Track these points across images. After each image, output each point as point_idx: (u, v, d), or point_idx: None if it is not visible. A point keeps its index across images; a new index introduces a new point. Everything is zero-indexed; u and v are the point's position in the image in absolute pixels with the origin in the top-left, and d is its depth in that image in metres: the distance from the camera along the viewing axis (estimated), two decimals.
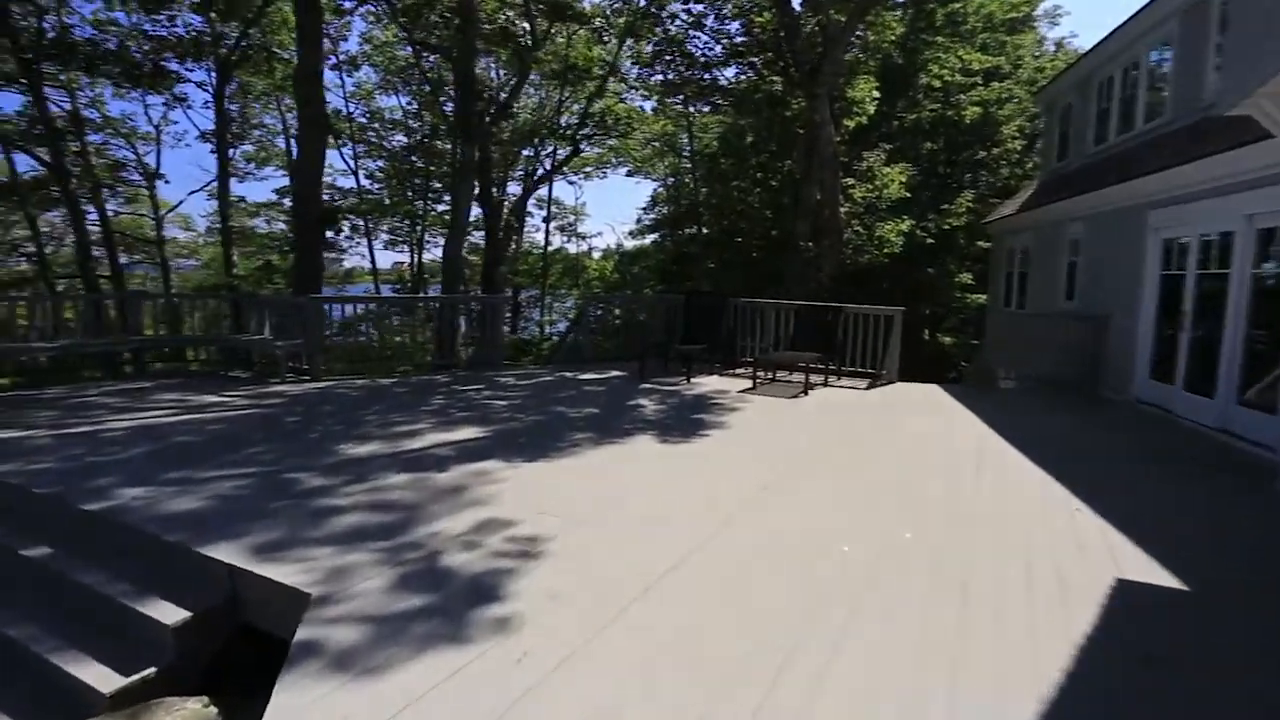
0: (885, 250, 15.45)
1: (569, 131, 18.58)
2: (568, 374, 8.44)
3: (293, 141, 22.59)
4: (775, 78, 13.47)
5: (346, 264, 27.80)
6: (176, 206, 22.43)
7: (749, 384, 7.73)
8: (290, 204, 9.59)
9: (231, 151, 17.21)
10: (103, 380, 7.85)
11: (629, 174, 26.28)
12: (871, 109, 13.81)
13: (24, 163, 14.67)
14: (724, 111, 17.31)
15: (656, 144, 24.30)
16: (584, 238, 30.22)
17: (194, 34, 13.69)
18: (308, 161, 9.59)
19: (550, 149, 22.30)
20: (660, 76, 15.62)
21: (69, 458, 4.41)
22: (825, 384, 7.94)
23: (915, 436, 5.75)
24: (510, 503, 3.68)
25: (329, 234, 18.95)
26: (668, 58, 14.38)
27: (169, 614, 2.80)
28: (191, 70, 14.93)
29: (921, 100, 18.43)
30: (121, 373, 8.35)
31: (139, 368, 8.13)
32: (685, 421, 5.85)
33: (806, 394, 7.31)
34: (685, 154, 23.50)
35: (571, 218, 29.36)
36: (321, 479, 4.02)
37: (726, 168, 19.22)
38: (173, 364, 8.73)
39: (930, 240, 17.31)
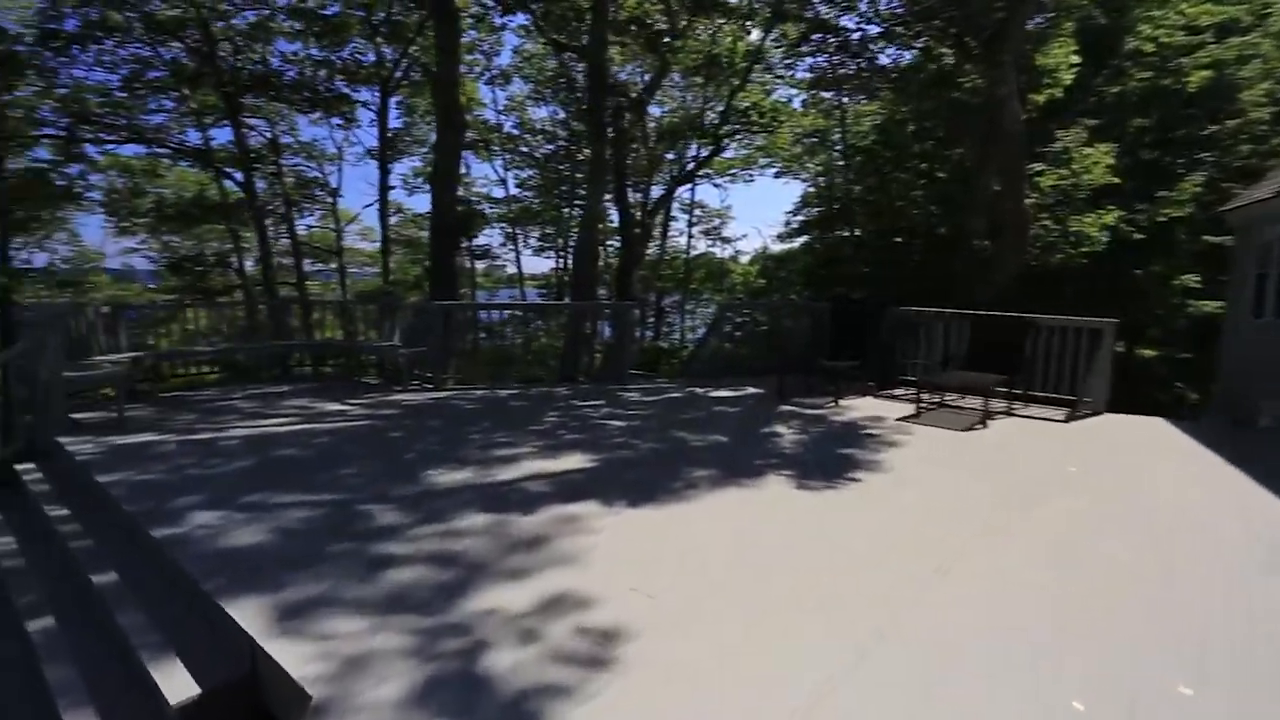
0: (1084, 248, 12.99)
1: (711, 129, 17.75)
2: (699, 390, 7.62)
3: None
4: (945, 49, 11.73)
5: (510, 269, 29.00)
6: (353, 220, 24.52)
7: (911, 410, 6.45)
8: (430, 210, 9.81)
9: (398, 166, 18.32)
10: (276, 380, 8.16)
11: (777, 174, 24.91)
12: (1068, 78, 11.58)
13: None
14: (881, 98, 15.63)
15: (806, 141, 22.79)
16: (729, 241, 29.26)
17: (357, 58, 14.63)
18: (444, 168, 9.61)
19: (694, 150, 21.65)
20: (810, 61, 14.32)
21: (174, 469, 4.31)
22: (1008, 413, 6.44)
23: (1151, 498, 4.27)
24: (597, 567, 2.93)
25: (470, 241, 19.65)
26: (815, 38, 13.07)
27: (180, 687, 2.34)
28: (358, 91, 16.03)
29: (1129, 69, 15.48)
30: (291, 374, 8.66)
31: (284, 371, 8.45)
32: (830, 458, 4.80)
33: (985, 425, 5.91)
34: (837, 149, 21.80)
35: (717, 221, 28.52)
36: (396, 514, 3.53)
37: (883, 161, 17.41)
38: (341, 367, 8.92)
39: (1139, 235, 14.42)
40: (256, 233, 14.55)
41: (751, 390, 7.51)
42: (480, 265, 27.32)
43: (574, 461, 4.63)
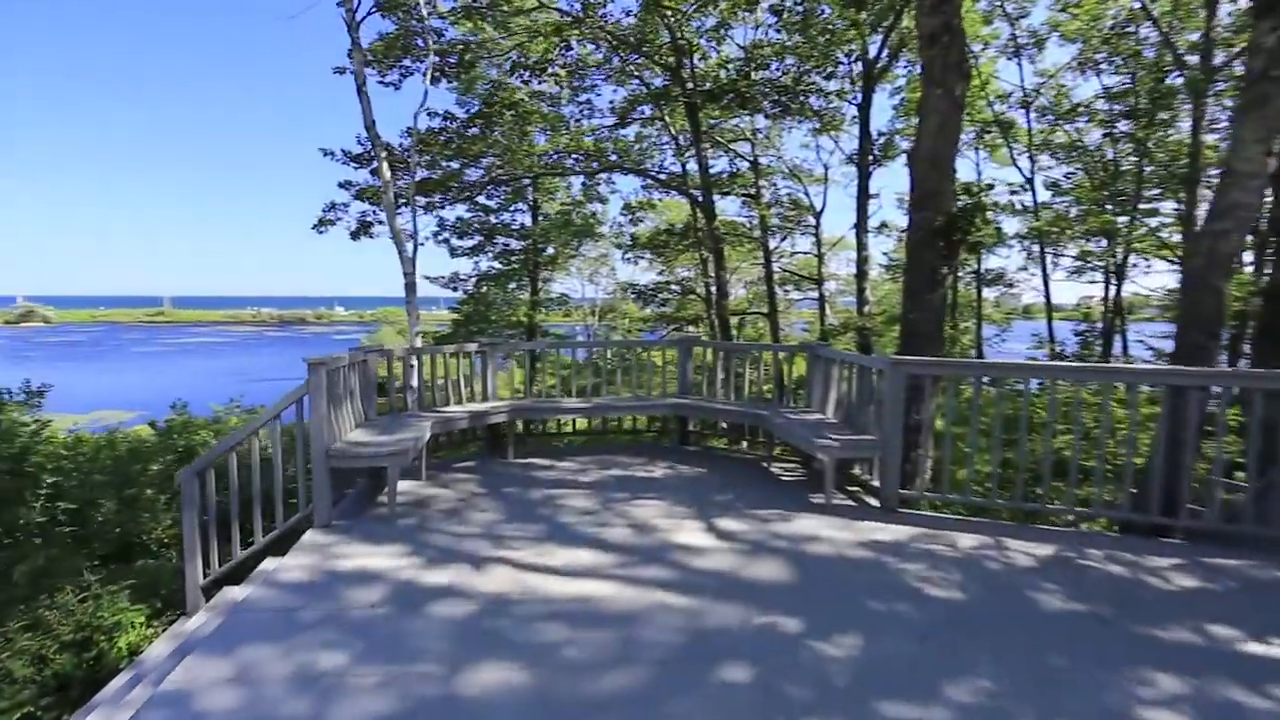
0: None
1: None
2: None
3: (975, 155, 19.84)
4: None
5: (1025, 299, 23.19)
6: (836, 244, 22.82)
7: None
8: (908, 210, 6.68)
9: (886, 177, 15.57)
10: (666, 453, 6.40)
11: None
12: None
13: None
14: None
15: None
16: None
17: (828, 43, 12.30)
18: (930, 136, 6.27)
19: None
20: None
21: (280, 689, 2.30)
22: None
23: None
24: None
25: (976, 255, 15.19)
26: None
27: None
28: (833, 88, 13.80)
29: None
30: (686, 445, 6.81)
31: (682, 438, 6.40)
32: None
33: None
34: None
35: None
36: None
37: None
38: (754, 446, 6.65)
39: None
40: (714, 258, 13.68)
41: None
42: (990, 293, 22.33)
43: None
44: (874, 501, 4.52)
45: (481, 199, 16.24)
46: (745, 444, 6.37)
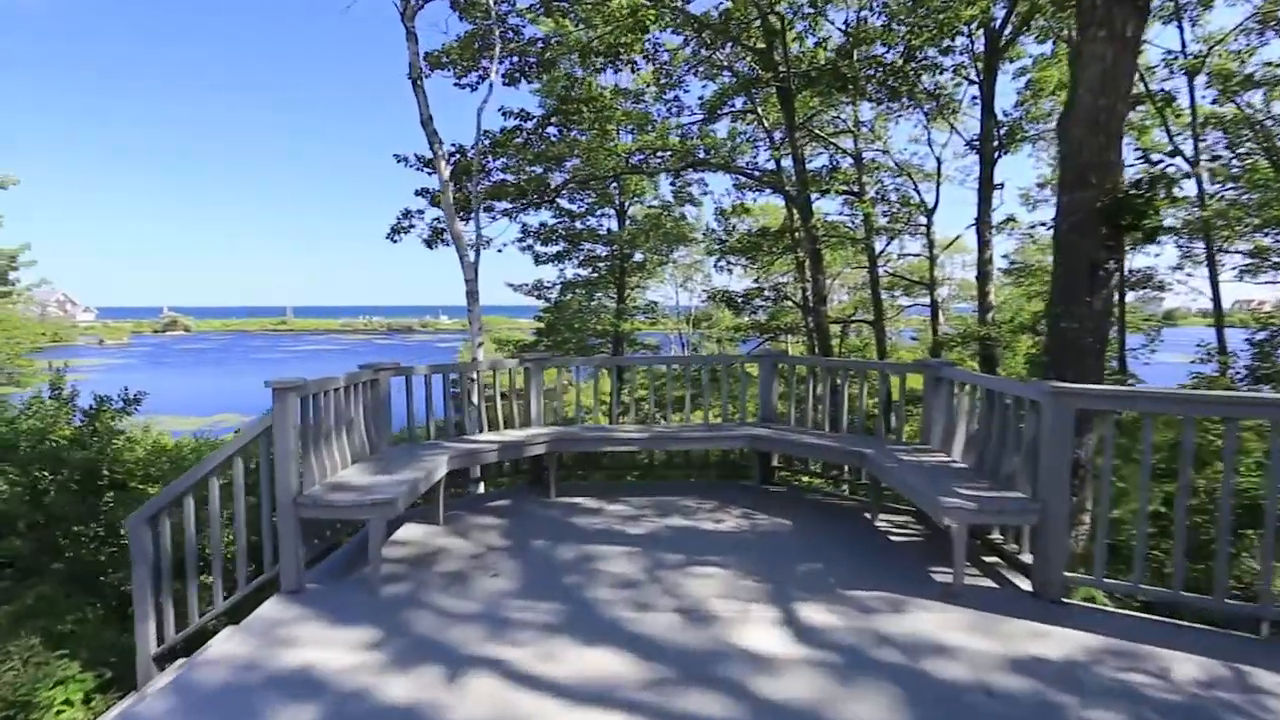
0: None
1: None
2: None
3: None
4: None
5: (1166, 303, 20.12)
6: (950, 244, 20.78)
7: None
8: (1057, 191, 5.35)
9: (1003, 154, 13.60)
10: (743, 493, 5.36)
11: None
12: None
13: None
14: None
15: None
16: None
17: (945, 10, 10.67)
18: (1091, 92, 4.86)
19: None
20: None
21: None
22: None
23: None
24: None
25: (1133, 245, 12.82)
26: None
27: None
28: (949, 64, 12.12)
29: None
30: (769, 484, 5.73)
31: (764, 476, 5.28)
32: None
33: None
34: None
35: None
36: None
37: None
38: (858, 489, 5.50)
39: None
40: (810, 261, 12.34)
41: None
42: (1129, 297, 19.47)
43: None
44: (1023, 583, 3.28)
45: (564, 203, 15.64)
46: (841, 480, 5.20)
